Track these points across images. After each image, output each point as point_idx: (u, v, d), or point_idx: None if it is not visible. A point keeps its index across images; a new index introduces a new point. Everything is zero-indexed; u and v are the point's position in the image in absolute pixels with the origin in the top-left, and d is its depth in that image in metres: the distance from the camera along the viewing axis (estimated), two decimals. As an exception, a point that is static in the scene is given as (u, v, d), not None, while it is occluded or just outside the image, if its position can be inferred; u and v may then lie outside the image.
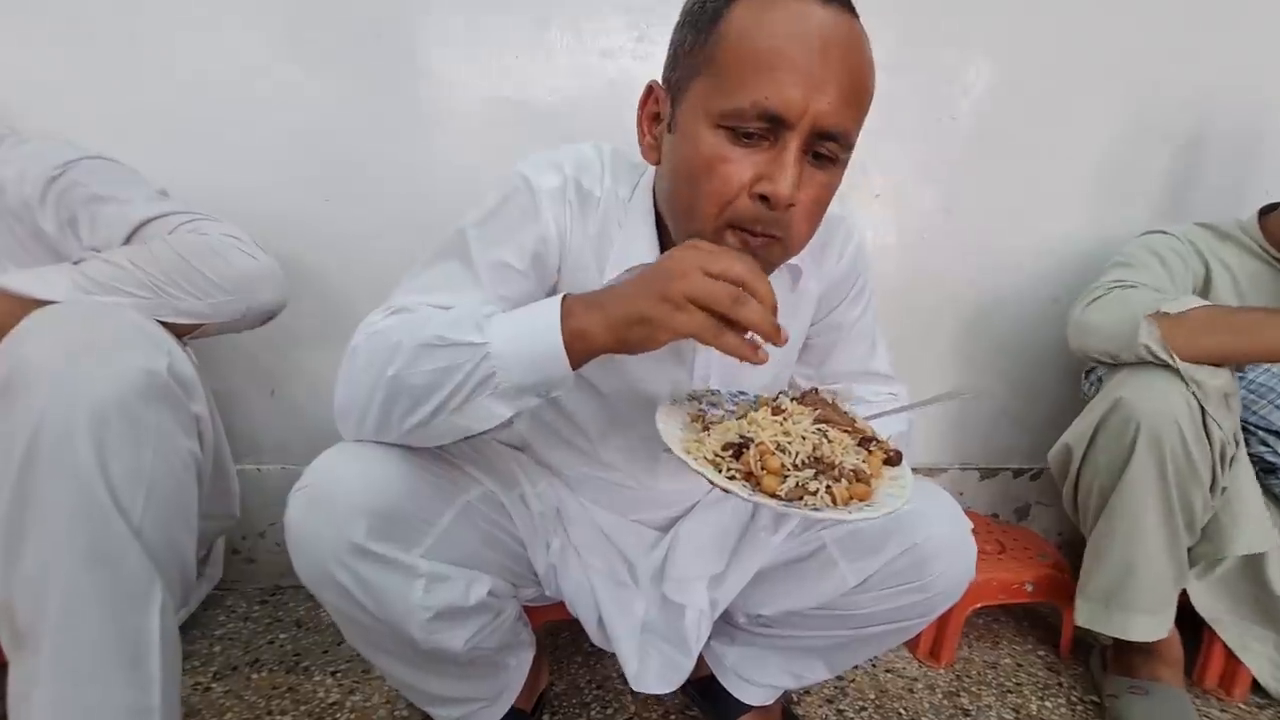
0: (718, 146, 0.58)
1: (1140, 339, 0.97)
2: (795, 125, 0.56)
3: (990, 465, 1.49)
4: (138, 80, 1.07)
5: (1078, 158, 1.36)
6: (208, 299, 0.78)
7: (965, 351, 1.43)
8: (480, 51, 1.14)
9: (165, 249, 0.77)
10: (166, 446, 0.64)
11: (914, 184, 1.33)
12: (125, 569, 0.61)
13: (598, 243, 0.70)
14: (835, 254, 0.79)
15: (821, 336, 0.84)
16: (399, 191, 1.16)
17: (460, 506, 0.70)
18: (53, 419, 0.57)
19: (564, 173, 0.69)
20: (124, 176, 0.86)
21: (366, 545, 0.61)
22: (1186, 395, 0.94)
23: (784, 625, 0.85)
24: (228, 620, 1.19)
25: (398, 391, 0.58)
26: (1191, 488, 0.97)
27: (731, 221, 0.59)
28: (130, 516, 0.60)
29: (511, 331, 0.56)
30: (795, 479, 0.55)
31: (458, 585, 0.69)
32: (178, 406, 0.66)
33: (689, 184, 0.60)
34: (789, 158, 0.56)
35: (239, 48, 1.08)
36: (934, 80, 1.28)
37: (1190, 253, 1.14)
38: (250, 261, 0.83)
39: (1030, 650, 1.25)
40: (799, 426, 0.59)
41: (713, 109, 0.58)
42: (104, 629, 0.60)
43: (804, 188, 0.58)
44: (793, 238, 0.62)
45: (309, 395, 1.23)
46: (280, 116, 1.12)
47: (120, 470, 0.60)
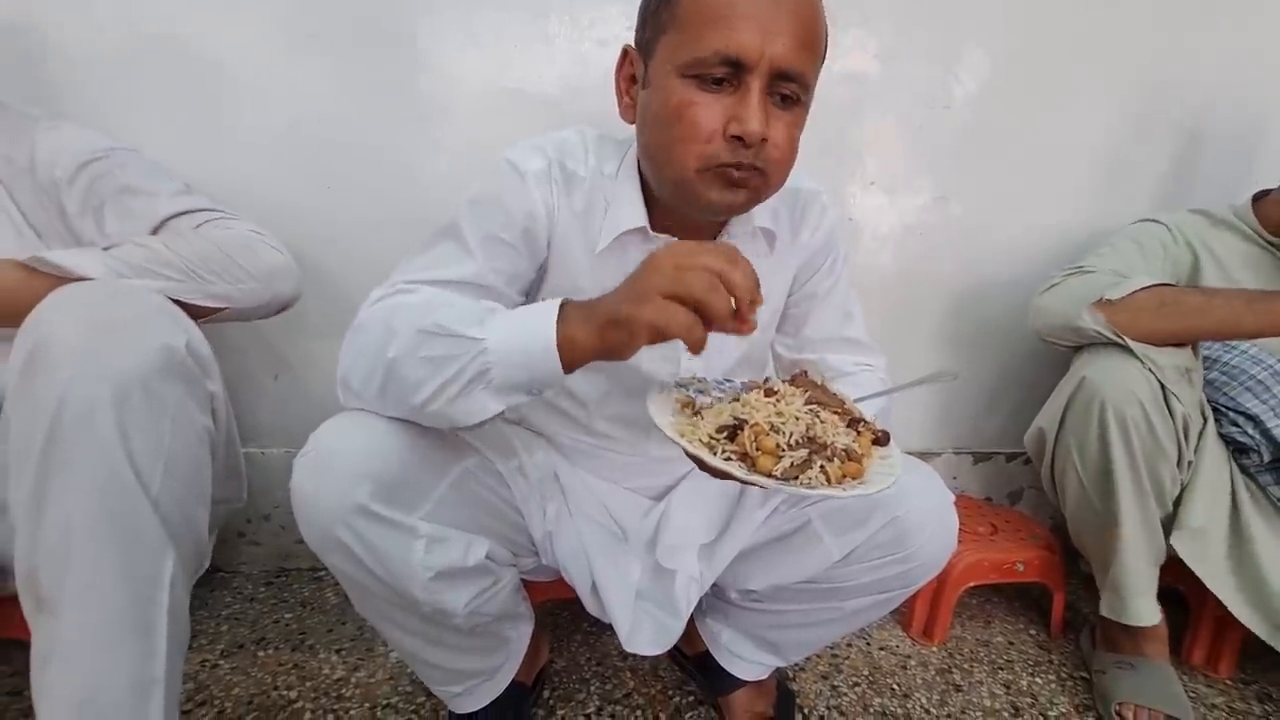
0: (687, 94, 0.62)
1: (1086, 325, 1.00)
2: (755, 68, 0.61)
3: (983, 450, 1.51)
4: (139, 67, 1.08)
5: (1074, 146, 1.37)
6: (238, 285, 0.82)
7: (958, 337, 1.45)
8: (480, 41, 1.15)
9: (198, 238, 0.82)
10: (184, 421, 0.66)
11: (909, 171, 1.34)
12: (141, 539, 0.62)
13: (585, 219, 0.74)
14: (811, 227, 0.83)
15: (798, 306, 0.88)
16: (399, 180, 1.18)
17: (459, 473, 0.72)
18: (76, 393, 0.58)
19: (548, 155, 0.73)
20: (153, 170, 0.89)
21: (370, 506, 0.63)
22: (1145, 372, 0.97)
23: (773, 600, 0.87)
24: (234, 601, 1.21)
25: (395, 374, 0.61)
26: (1158, 462, 0.99)
27: (709, 163, 0.63)
28: (149, 488, 0.62)
29: (509, 330, 0.58)
30: (789, 458, 0.56)
31: (457, 546, 0.71)
32: (195, 383, 0.68)
33: (664, 131, 0.65)
34: (753, 98, 0.61)
35: (240, 36, 1.10)
36: (930, 68, 1.28)
37: (1176, 241, 1.16)
38: (277, 255, 0.88)
39: (1022, 629, 1.27)
40: (791, 408, 0.60)
41: (679, 60, 0.62)
42: (118, 597, 0.61)
43: (772, 125, 0.63)
44: (772, 170, 0.66)
45: (311, 380, 1.25)
46: (281, 105, 1.13)
47: (141, 443, 0.61)
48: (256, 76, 1.11)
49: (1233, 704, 1.09)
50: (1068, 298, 1.06)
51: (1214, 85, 1.36)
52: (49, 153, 0.83)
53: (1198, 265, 1.16)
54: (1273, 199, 1.14)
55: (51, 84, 1.07)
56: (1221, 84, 1.36)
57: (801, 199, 0.83)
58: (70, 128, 0.87)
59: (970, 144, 1.33)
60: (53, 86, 1.07)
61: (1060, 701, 1.08)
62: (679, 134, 0.63)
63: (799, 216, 0.83)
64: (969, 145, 1.33)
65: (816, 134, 1.25)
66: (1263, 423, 1.06)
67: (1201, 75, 1.35)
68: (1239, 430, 1.08)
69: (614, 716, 0.99)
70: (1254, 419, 1.07)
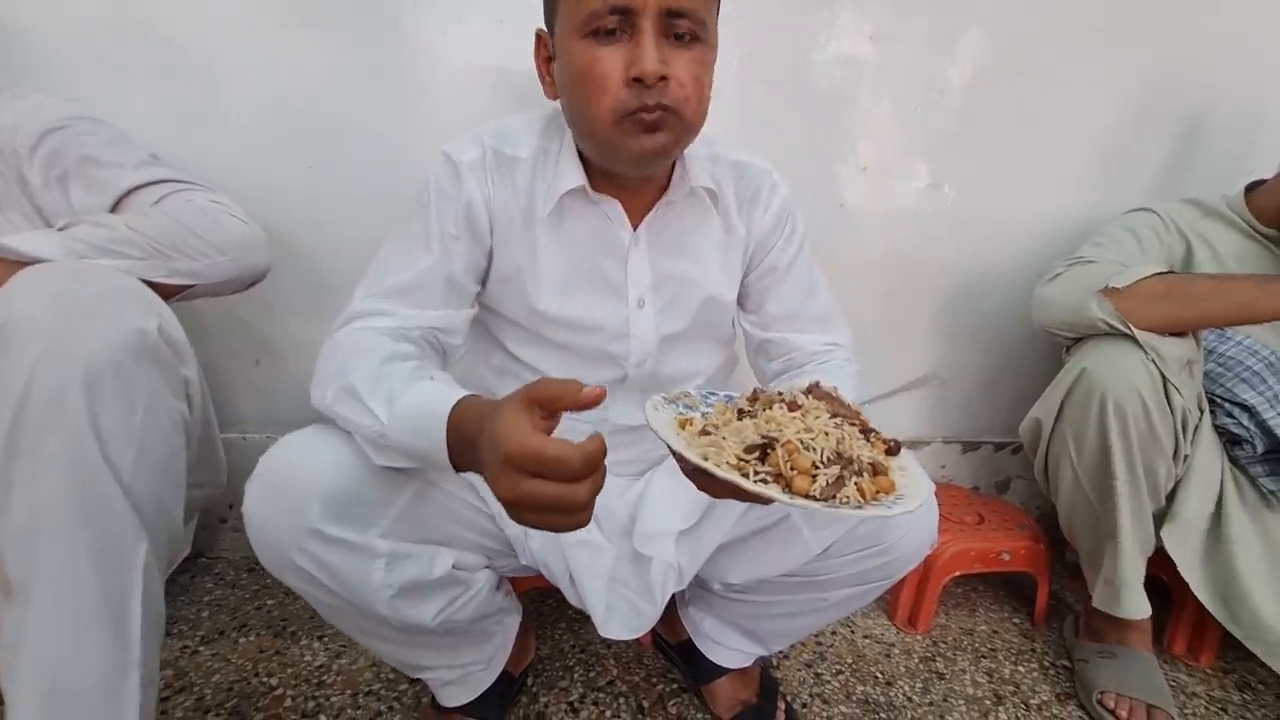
0: (587, 52, 0.64)
1: (1094, 314, 0.99)
2: (643, 10, 0.62)
3: (972, 439, 1.51)
4: (120, 44, 1.05)
5: (1070, 133, 1.35)
6: (203, 259, 0.80)
7: (951, 325, 1.44)
8: (465, 19, 1.11)
9: (159, 214, 0.79)
10: (157, 406, 0.65)
11: (903, 157, 1.32)
12: (113, 525, 0.61)
13: (530, 196, 0.76)
14: (763, 205, 0.84)
15: (760, 281, 0.87)
16: (382, 159, 1.15)
17: (420, 485, 0.72)
18: (46, 375, 0.57)
19: (483, 144, 0.76)
20: (117, 140, 0.87)
21: (322, 529, 0.63)
22: (1147, 364, 0.96)
23: (755, 591, 0.87)
24: (215, 587, 1.20)
25: (334, 413, 0.65)
26: (1155, 456, 0.99)
27: (620, 113, 0.65)
28: (120, 473, 0.61)
29: (408, 424, 0.59)
30: (824, 477, 0.52)
31: (419, 561, 0.71)
32: (168, 368, 0.67)
33: (575, 93, 0.67)
34: (646, 39, 0.63)
35: (221, 11, 1.06)
36: (926, 52, 1.26)
37: (1169, 229, 1.15)
38: (241, 226, 0.86)
39: (1006, 618, 1.28)
40: (819, 422, 0.57)
41: (576, 22, 0.64)
42: (89, 583, 0.60)
43: (674, 63, 0.64)
44: (686, 110, 0.66)
45: (293, 364, 1.23)
46: (263, 83, 1.10)
47: (111, 427, 0.60)
48: (238, 53, 1.08)
49: (1212, 692, 1.10)
50: (1073, 289, 1.05)
51: (1213, 75, 1.34)
52: (11, 122, 0.81)
53: (1191, 254, 1.15)
54: (1265, 190, 1.13)
55: (28, 60, 1.03)
56: (1220, 74, 1.34)
57: (750, 177, 0.83)
58: (35, 97, 0.85)
59: (966, 130, 1.31)
60: (29, 63, 1.03)
61: (1042, 690, 1.09)
62: (587, 91, 0.65)
63: (749, 195, 0.83)
64: (965, 131, 1.31)
65: (810, 118, 1.26)
66: (1258, 414, 1.05)
67: (1200, 65, 1.33)
68: (1234, 421, 1.08)
69: (597, 704, 0.99)
70: (1249, 410, 1.06)
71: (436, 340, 0.76)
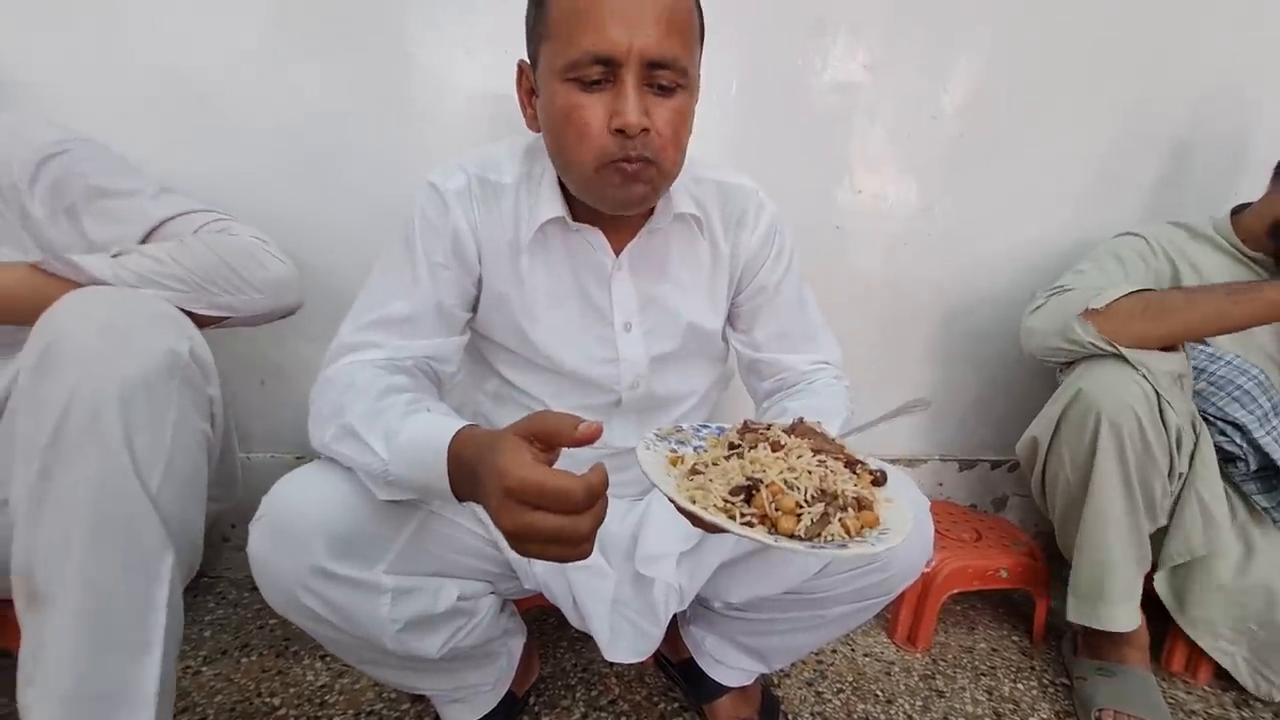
0: (569, 97, 0.65)
1: (1079, 337, 1.01)
2: (626, 62, 0.63)
3: (969, 457, 1.52)
4: (126, 67, 1.08)
5: (1061, 159, 1.38)
6: (240, 295, 0.82)
7: (946, 345, 1.46)
8: (471, 47, 1.15)
9: (203, 248, 0.80)
10: (185, 424, 0.67)
11: (896, 181, 1.35)
12: (141, 536, 0.64)
13: (515, 222, 0.77)
14: (750, 225, 0.85)
15: (750, 301, 0.88)
16: (388, 183, 1.17)
17: (422, 517, 0.72)
18: (84, 393, 0.59)
19: (468, 172, 0.77)
20: (120, 166, 0.86)
21: (327, 567, 0.64)
22: (1141, 383, 0.98)
23: (755, 609, 0.88)
24: (218, 606, 1.21)
25: (333, 451, 0.66)
26: (1151, 474, 1.00)
27: (603, 161, 0.66)
28: (150, 486, 0.63)
29: (408, 457, 0.60)
30: (809, 516, 0.54)
31: (425, 595, 0.72)
32: (196, 388, 0.69)
33: (559, 135, 0.68)
34: (628, 90, 0.64)
35: (229, 36, 1.09)
36: (918, 79, 1.30)
37: (1156, 253, 1.18)
38: (281, 266, 0.87)
39: (1005, 635, 1.28)
40: (802, 461, 0.58)
41: (558, 66, 0.65)
42: (118, 591, 0.62)
43: (655, 114, 0.66)
44: (663, 160, 0.68)
45: (299, 384, 1.24)
46: (270, 107, 1.13)
47: (143, 443, 0.62)
48: (247, 79, 1.11)
49: (1210, 710, 1.11)
50: (1054, 317, 1.07)
51: (1198, 100, 1.38)
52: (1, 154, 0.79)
53: (1177, 277, 1.17)
54: (1251, 213, 1.16)
55: (34, 91, 1.06)
56: (1205, 99, 1.38)
57: (737, 198, 0.84)
58: (11, 119, 0.82)
59: (958, 155, 1.34)
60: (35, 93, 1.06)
61: (1042, 708, 1.09)
62: (572, 137, 0.67)
63: (735, 217, 0.84)
64: (957, 156, 1.34)
65: (804, 142, 1.29)
66: (1249, 432, 1.07)
67: (1186, 90, 1.37)
68: (1227, 440, 1.10)
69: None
70: (1241, 428, 1.08)
71: (430, 369, 0.77)
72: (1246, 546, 1.09)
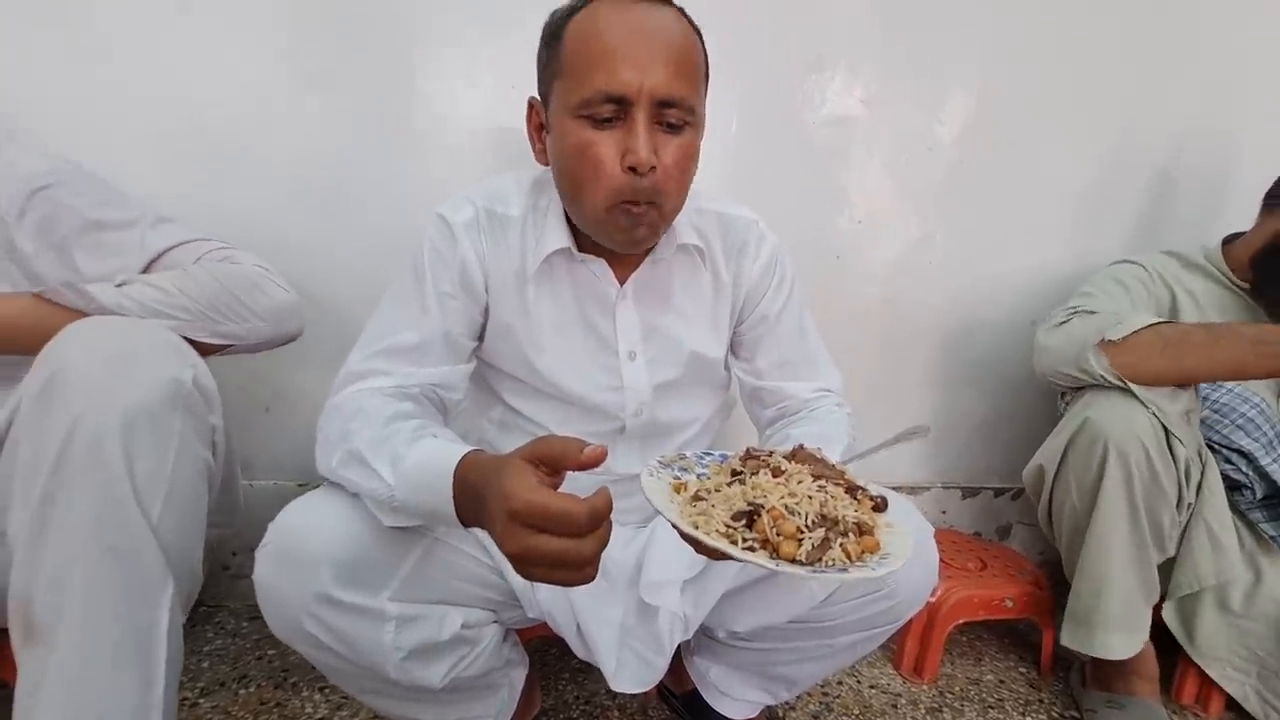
0: (581, 134, 0.68)
1: (1092, 368, 1.01)
2: (637, 101, 0.66)
3: (972, 485, 1.52)
4: (142, 101, 1.10)
5: (1053, 189, 1.41)
6: (244, 324, 0.82)
7: (947, 372, 1.47)
8: (478, 80, 1.18)
9: (207, 277, 0.80)
10: (186, 453, 0.67)
11: (896, 212, 1.37)
12: (142, 565, 0.63)
13: (521, 253, 0.79)
14: (752, 254, 0.86)
15: (753, 330, 0.89)
16: (390, 213, 1.19)
17: (427, 544, 0.72)
18: (87, 421, 0.60)
19: (475, 205, 0.78)
20: (112, 197, 0.85)
21: (332, 594, 0.64)
22: (1149, 414, 0.98)
23: (761, 639, 0.87)
24: (216, 636, 1.19)
25: (339, 477, 0.67)
26: (1159, 505, 1.00)
27: (615, 200, 0.69)
28: (150, 515, 0.63)
29: (414, 482, 0.61)
30: (809, 540, 0.54)
31: (429, 623, 0.72)
32: (199, 416, 0.69)
33: (569, 170, 0.71)
34: (639, 128, 0.66)
35: (243, 72, 1.12)
36: (913, 112, 1.33)
37: (1155, 280, 1.19)
38: (284, 294, 0.88)
39: (1012, 667, 1.26)
40: (802, 486, 0.58)
41: (571, 104, 0.68)
42: (118, 622, 0.62)
43: (663, 152, 0.68)
44: (665, 200, 0.71)
45: (303, 412, 1.25)
46: (281, 139, 1.15)
47: (144, 472, 0.62)
48: (257, 110, 1.14)
49: (1223, 744, 1.09)
50: (1071, 340, 1.06)
51: (1183, 130, 1.42)
52: None
53: (1175, 304, 1.19)
54: (1241, 243, 1.18)
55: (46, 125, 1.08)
56: (1190, 129, 1.42)
57: (738, 229, 0.86)
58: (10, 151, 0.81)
59: (954, 185, 1.37)
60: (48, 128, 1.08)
61: (1052, 742, 1.07)
62: (584, 174, 0.69)
63: (737, 247, 0.86)
64: (952, 186, 1.37)
65: (804, 175, 1.31)
66: (1256, 460, 1.07)
67: (1171, 121, 1.41)
68: (1233, 467, 1.10)
69: (602, 758, 0.97)
70: (1247, 455, 1.08)
71: (436, 396, 0.77)
72: (1255, 575, 1.08)
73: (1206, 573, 1.05)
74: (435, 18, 1.15)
